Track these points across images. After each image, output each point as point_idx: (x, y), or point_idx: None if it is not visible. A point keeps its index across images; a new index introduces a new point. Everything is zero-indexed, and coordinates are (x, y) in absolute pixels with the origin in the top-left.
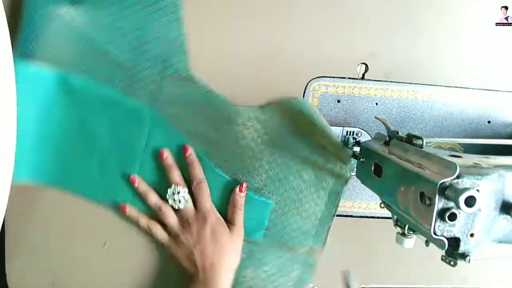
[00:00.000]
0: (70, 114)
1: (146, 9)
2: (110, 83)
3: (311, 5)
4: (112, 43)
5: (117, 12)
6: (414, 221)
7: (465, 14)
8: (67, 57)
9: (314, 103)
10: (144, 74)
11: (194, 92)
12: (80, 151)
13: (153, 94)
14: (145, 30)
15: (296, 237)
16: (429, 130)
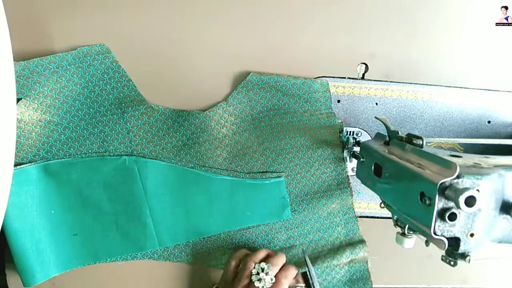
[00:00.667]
0: (65, 195)
1: (91, 86)
2: (85, 149)
3: (311, 5)
4: (69, 113)
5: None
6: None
7: (465, 14)
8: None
9: None
10: (109, 137)
11: (157, 117)
12: (91, 224)
13: (125, 140)
14: (92, 94)
15: (321, 197)
16: (429, 130)
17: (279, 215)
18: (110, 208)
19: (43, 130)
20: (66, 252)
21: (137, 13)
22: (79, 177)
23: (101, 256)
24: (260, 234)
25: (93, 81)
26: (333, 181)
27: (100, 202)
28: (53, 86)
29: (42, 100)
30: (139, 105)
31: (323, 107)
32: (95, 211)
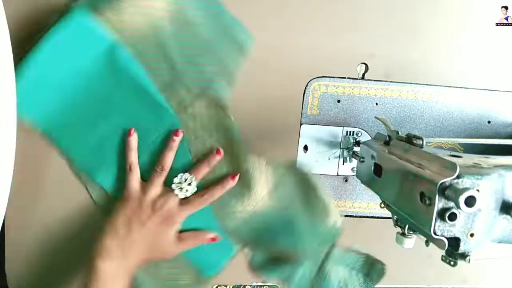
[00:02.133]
0: (100, 81)
1: (222, 31)
2: (152, 72)
3: (311, 5)
4: (176, 39)
5: (202, 18)
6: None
7: (465, 14)
8: (129, 27)
9: (314, 103)
10: (186, 82)
11: (219, 121)
12: (91, 117)
13: (184, 103)
14: (211, 47)
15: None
16: (429, 130)
17: (202, 269)
18: (114, 124)
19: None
20: (53, 110)
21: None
22: (125, 82)
23: (63, 143)
24: None
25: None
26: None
27: (114, 113)
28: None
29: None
30: (218, 98)
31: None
32: (104, 114)
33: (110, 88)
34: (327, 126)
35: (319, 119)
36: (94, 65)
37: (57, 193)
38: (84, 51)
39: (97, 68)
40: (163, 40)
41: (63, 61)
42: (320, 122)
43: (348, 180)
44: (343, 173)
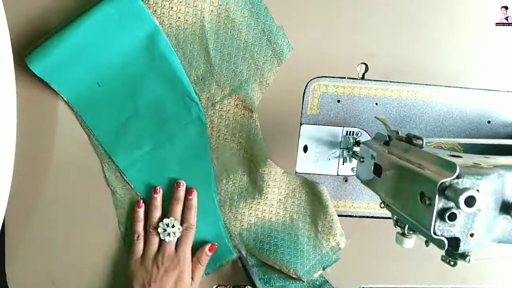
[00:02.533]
0: (135, 63)
1: (263, 35)
2: (188, 64)
3: (311, 5)
4: (217, 35)
5: (245, 19)
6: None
7: (465, 14)
8: (174, 15)
9: (314, 103)
10: (220, 78)
11: (245, 122)
12: (119, 96)
13: (213, 99)
14: (249, 49)
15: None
16: (429, 130)
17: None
18: (140, 109)
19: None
20: (79, 82)
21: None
22: (160, 68)
23: (87, 116)
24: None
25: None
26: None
27: (142, 97)
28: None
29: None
30: (249, 100)
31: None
32: (131, 97)
33: (144, 71)
34: (327, 126)
35: (319, 119)
36: (133, 46)
37: (57, 193)
38: (127, 31)
39: (135, 49)
40: (204, 33)
41: (105, 36)
42: (320, 122)
43: (348, 180)
44: (343, 173)
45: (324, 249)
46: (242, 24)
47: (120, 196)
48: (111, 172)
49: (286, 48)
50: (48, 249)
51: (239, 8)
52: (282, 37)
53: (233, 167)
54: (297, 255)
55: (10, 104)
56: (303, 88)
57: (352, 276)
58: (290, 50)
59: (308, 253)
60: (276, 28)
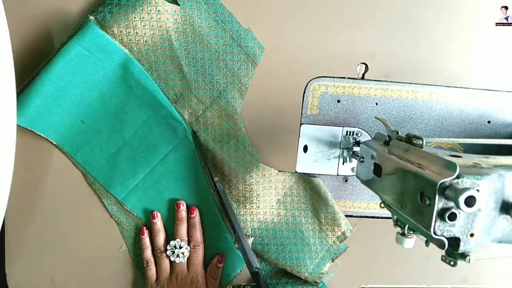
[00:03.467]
0: (114, 94)
1: (232, 42)
2: (164, 84)
3: (311, 5)
4: (186, 50)
5: (211, 29)
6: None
7: (465, 14)
8: (140, 40)
9: (314, 103)
10: (198, 92)
11: (231, 131)
12: (104, 130)
13: (195, 114)
14: (221, 57)
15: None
16: (429, 130)
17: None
18: (127, 138)
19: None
20: (66, 123)
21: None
22: (139, 95)
23: (78, 156)
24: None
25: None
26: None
27: (127, 127)
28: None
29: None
30: (230, 107)
31: None
32: (116, 128)
33: (124, 101)
34: (327, 126)
35: (319, 119)
36: (109, 78)
37: (57, 193)
38: (98, 65)
39: (111, 81)
40: (174, 51)
41: (78, 74)
42: (320, 122)
43: (348, 180)
44: (343, 173)
45: (330, 240)
46: (209, 34)
47: (126, 226)
48: (112, 205)
49: (258, 49)
50: (48, 249)
51: (203, 19)
52: (252, 40)
53: (227, 178)
54: (305, 251)
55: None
56: (303, 88)
57: (352, 276)
58: (263, 50)
59: (315, 246)
60: (244, 31)
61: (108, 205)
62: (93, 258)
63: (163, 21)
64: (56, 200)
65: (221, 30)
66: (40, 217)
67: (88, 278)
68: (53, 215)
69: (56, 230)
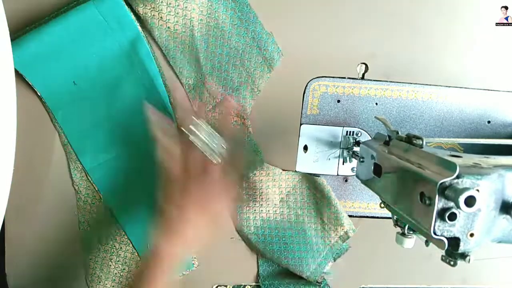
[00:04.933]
0: (114, 66)
1: (252, 42)
2: (179, 73)
3: (311, 5)
4: (206, 43)
5: (234, 26)
6: (414, 221)
7: (465, 14)
8: (163, 25)
9: (314, 103)
10: (211, 87)
11: (238, 130)
12: (92, 98)
13: (206, 108)
14: (239, 56)
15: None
16: (429, 130)
17: None
18: (113, 111)
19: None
20: (51, 74)
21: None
22: (138, 71)
23: (60, 115)
24: None
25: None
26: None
27: (118, 95)
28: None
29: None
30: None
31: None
32: (108, 94)
33: (121, 76)
34: (327, 126)
35: (319, 119)
36: (114, 49)
37: (57, 193)
38: (108, 34)
39: (115, 53)
40: (194, 42)
41: (86, 36)
42: (320, 122)
43: (348, 180)
44: (343, 173)
45: (333, 239)
46: (231, 32)
47: (83, 197)
48: (76, 171)
49: (276, 55)
50: (48, 249)
51: (228, 16)
52: (272, 44)
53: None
54: (307, 250)
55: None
56: (303, 88)
57: (352, 276)
58: (280, 56)
59: (317, 245)
60: (266, 35)
61: (72, 169)
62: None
63: (189, 10)
64: (56, 200)
65: (243, 29)
66: (40, 217)
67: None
68: (53, 215)
69: (56, 230)
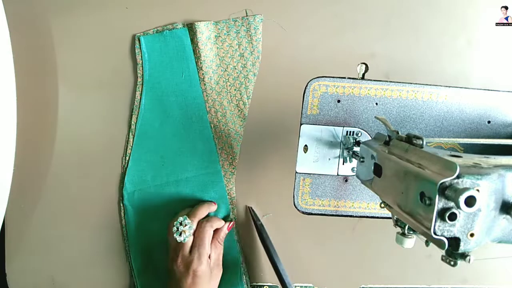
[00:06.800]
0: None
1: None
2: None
3: (311, 5)
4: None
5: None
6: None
7: (465, 14)
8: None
9: (314, 103)
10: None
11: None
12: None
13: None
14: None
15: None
16: (429, 130)
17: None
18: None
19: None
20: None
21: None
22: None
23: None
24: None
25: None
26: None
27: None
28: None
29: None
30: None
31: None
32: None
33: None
34: (327, 126)
35: (319, 119)
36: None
37: (57, 193)
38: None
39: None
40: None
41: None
42: (320, 122)
43: (348, 180)
44: (343, 173)
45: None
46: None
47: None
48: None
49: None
50: (48, 249)
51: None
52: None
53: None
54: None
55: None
56: (303, 88)
57: (352, 276)
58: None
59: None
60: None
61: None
62: (94, 258)
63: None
64: (56, 200)
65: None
66: (40, 217)
67: (88, 278)
68: (53, 215)
69: (56, 230)
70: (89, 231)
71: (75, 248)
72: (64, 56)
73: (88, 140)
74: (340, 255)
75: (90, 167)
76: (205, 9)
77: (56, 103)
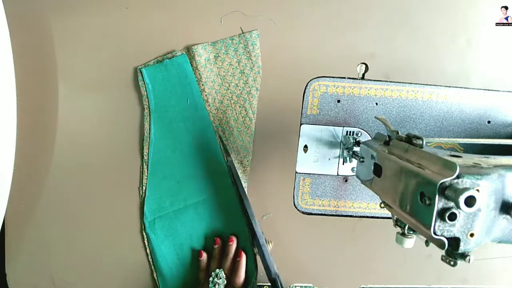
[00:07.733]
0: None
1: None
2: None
3: (311, 5)
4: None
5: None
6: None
7: (465, 14)
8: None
9: (314, 103)
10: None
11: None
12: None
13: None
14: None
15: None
16: (429, 130)
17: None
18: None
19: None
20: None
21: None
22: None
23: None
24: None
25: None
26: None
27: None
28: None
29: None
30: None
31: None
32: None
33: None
34: (327, 126)
35: (319, 119)
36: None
37: (57, 193)
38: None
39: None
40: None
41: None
42: (320, 122)
43: (348, 180)
44: (343, 173)
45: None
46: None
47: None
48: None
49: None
50: (48, 249)
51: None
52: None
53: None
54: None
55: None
56: (303, 88)
57: (352, 276)
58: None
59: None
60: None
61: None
62: (93, 258)
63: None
64: (56, 200)
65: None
66: (40, 217)
67: (88, 278)
68: (53, 215)
69: (56, 230)
70: (88, 231)
71: (75, 248)
72: (64, 56)
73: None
74: (340, 255)
75: (90, 166)
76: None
77: (57, 102)
